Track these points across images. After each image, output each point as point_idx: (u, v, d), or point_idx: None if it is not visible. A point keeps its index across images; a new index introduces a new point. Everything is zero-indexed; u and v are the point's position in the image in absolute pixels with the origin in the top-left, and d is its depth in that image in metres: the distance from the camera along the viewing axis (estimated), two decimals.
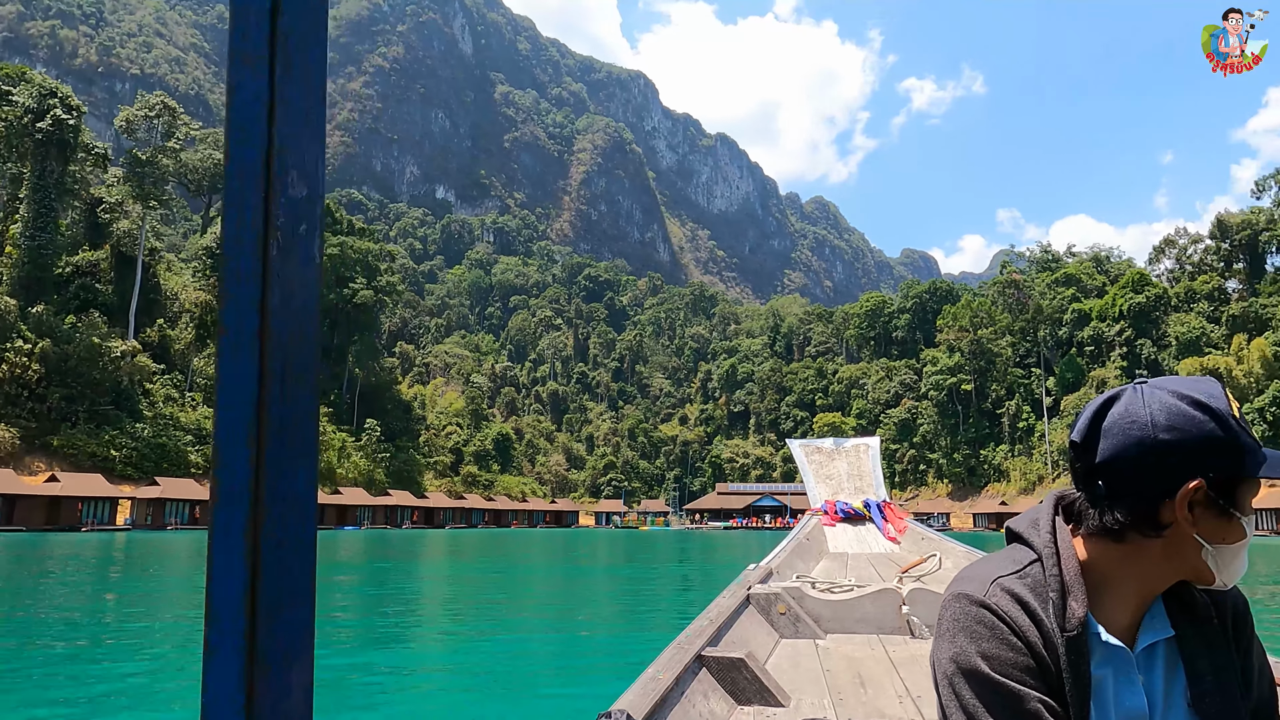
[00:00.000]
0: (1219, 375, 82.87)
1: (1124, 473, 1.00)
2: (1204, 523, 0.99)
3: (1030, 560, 1.05)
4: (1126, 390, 1.04)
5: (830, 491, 6.58)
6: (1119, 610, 1.05)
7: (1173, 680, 1.04)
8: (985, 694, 0.97)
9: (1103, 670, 1.02)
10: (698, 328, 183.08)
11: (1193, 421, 0.97)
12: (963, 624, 1.01)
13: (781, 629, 3.89)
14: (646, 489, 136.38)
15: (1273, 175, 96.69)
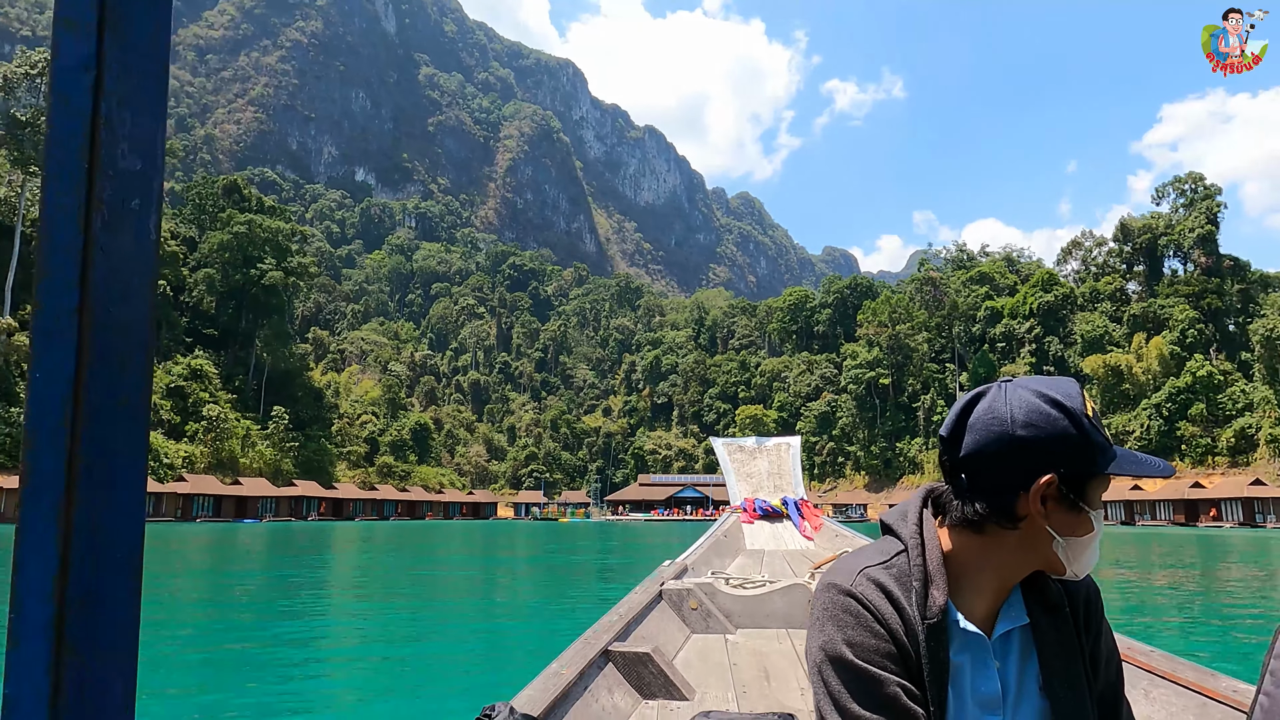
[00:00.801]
0: (1120, 372, 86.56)
1: (984, 466, 1.05)
2: (1056, 516, 1.04)
3: (898, 551, 1.09)
4: (992, 388, 1.09)
5: (750, 489, 6.62)
6: (978, 599, 1.10)
7: (1026, 666, 1.09)
8: (849, 679, 1.01)
9: (961, 656, 1.07)
10: (623, 319, 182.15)
11: (1049, 419, 1.03)
12: (831, 613, 1.05)
13: (693, 624, 3.88)
14: (568, 480, 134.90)
15: (1171, 183, 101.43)
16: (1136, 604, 12.86)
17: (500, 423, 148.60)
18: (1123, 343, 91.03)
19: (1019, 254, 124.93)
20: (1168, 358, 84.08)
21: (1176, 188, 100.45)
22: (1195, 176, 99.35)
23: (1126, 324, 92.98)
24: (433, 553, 28.40)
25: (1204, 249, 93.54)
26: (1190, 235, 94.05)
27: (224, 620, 11.15)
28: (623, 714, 2.51)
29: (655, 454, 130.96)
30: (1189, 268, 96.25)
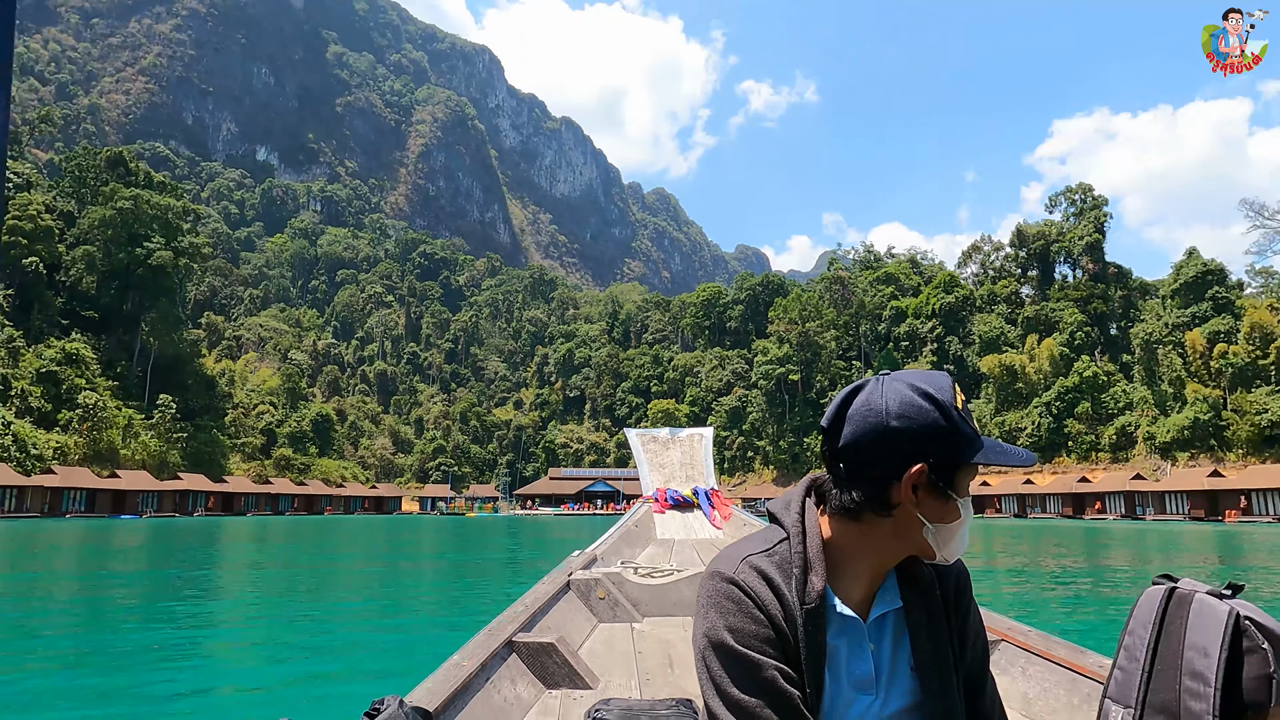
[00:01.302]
0: (1015, 371, 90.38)
1: (860, 456, 1.10)
2: (927, 503, 1.10)
3: (780, 539, 1.14)
4: (870, 381, 1.14)
5: (663, 480, 6.66)
6: (855, 584, 1.15)
7: (899, 647, 1.16)
8: (729, 664, 1.06)
9: (838, 640, 1.12)
10: (536, 311, 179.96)
11: (920, 411, 1.08)
12: (714, 600, 1.09)
13: (600, 614, 3.87)
14: (477, 474, 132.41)
15: (1063, 193, 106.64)
16: (1024, 589, 13.82)
17: (407, 415, 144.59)
18: (1017, 343, 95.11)
19: (923, 256, 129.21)
20: (1057, 358, 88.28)
21: (1068, 197, 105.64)
22: (1085, 187, 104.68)
23: (1021, 326, 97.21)
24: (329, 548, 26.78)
25: (1091, 256, 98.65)
26: (1080, 243, 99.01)
27: (93, 622, 10.32)
28: (525, 704, 2.49)
29: (567, 447, 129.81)
30: (1078, 273, 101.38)
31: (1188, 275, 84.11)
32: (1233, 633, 1.22)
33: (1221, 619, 1.23)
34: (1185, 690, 1.23)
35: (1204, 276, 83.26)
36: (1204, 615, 1.25)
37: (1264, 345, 73.18)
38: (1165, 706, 1.25)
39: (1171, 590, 1.33)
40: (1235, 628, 1.22)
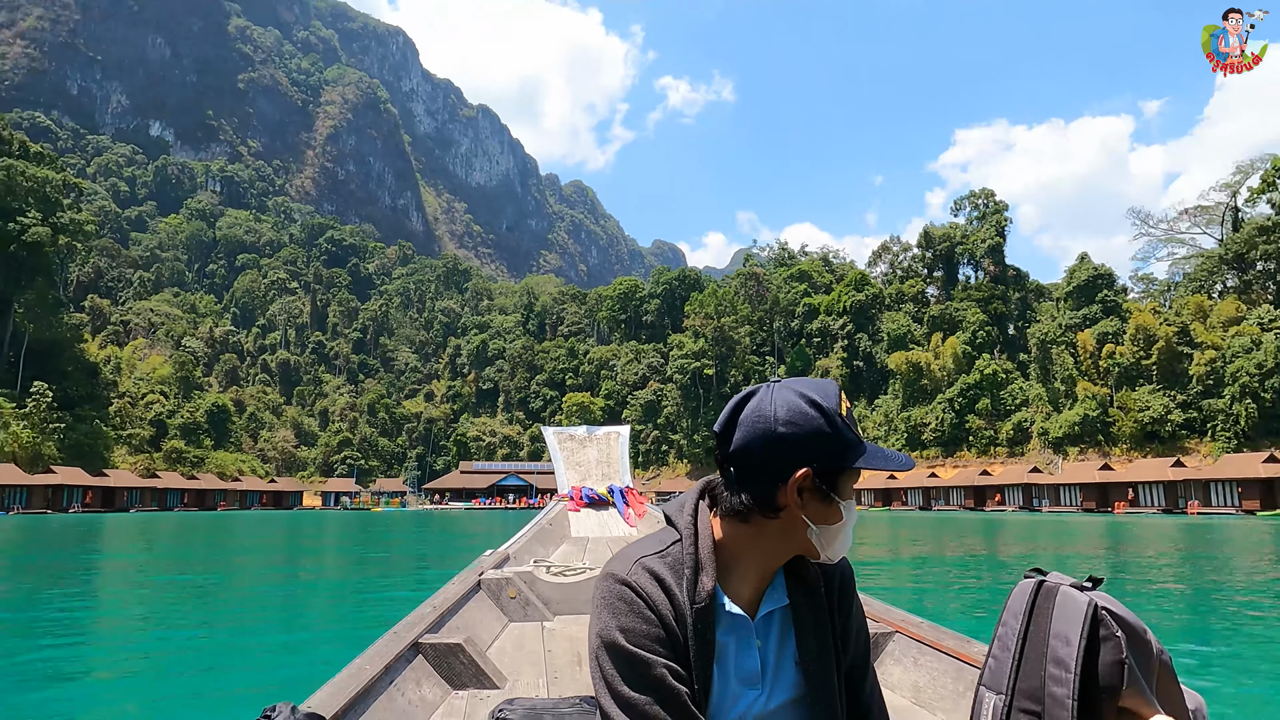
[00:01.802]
0: (920, 368, 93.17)
1: (749, 460, 1.15)
2: (811, 506, 1.15)
3: (674, 540, 1.19)
4: (761, 388, 1.19)
5: (579, 478, 6.64)
6: (745, 583, 1.21)
7: (785, 643, 1.22)
8: (620, 662, 1.10)
9: (727, 637, 1.17)
10: (449, 301, 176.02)
11: (806, 418, 1.13)
12: (607, 601, 1.13)
13: (511, 613, 3.83)
14: (385, 468, 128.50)
15: (967, 197, 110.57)
16: (924, 580, 14.42)
17: (312, 406, 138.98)
18: (923, 341, 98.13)
19: (834, 255, 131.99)
20: (960, 356, 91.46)
21: (971, 202, 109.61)
22: (987, 193, 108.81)
23: (927, 324, 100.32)
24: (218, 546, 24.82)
25: (993, 259, 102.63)
26: (982, 245, 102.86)
27: None
28: (431, 706, 2.46)
29: (479, 441, 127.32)
30: (980, 275, 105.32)
31: (1079, 279, 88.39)
32: (1091, 622, 1.31)
33: (1082, 609, 1.32)
34: (1049, 676, 1.32)
35: (1094, 281, 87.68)
36: (1067, 606, 1.35)
37: (1147, 346, 77.48)
38: (1032, 692, 1.34)
39: (1040, 583, 1.41)
40: (1093, 618, 1.31)
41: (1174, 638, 7.97)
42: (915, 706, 2.48)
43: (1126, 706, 1.30)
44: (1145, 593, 11.79)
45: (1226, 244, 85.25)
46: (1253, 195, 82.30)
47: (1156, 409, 74.21)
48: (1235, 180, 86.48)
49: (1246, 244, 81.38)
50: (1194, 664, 6.78)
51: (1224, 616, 9.77)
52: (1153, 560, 18.11)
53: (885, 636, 2.84)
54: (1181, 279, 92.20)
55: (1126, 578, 14.02)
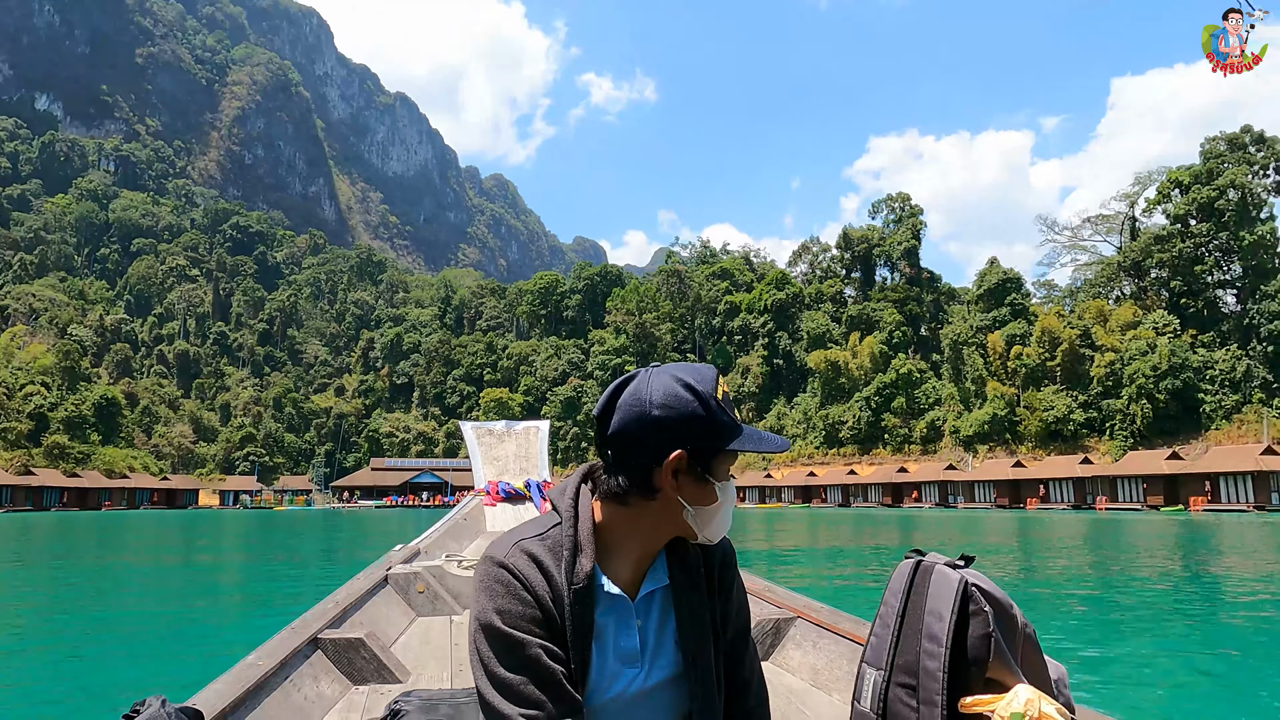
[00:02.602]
0: (839, 367, 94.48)
1: (626, 443, 1.17)
2: (686, 488, 1.18)
3: (555, 523, 1.20)
4: (640, 373, 1.21)
5: (496, 473, 6.50)
6: (625, 565, 1.23)
7: (665, 623, 1.25)
8: (496, 644, 1.12)
9: (606, 617, 1.19)
10: (363, 293, 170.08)
11: (681, 400, 1.16)
12: (485, 584, 1.14)
13: (419, 607, 3.84)
14: (292, 465, 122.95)
15: (884, 200, 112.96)
16: (834, 569, 15.31)
17: (212, 400, 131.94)
18: (841, 340, 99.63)
19: (756, 254, 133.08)
20: (877, 356, 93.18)
21: (888, 205, 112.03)
22: (903, 197, 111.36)
23: (845, 324, 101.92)
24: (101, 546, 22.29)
25: (909, 261, 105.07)
26: (898, 248, 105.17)
27: None
28: (329, 702, 2.43)
29: (392, 437, 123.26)
30: (896, 277, 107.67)
31: (990, 283, 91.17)
32: (961, 598, 1.39)
33: (954, 586, 1.40)
34: (924, 651, 1.39)
35: (1003, 284, 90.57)
36: (940, 584, 1.42)
37: (1052, 349, 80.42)
38: (909, 666, 1.41)
39: (918, 563, 1.49)
40: (964, 594, 1.39)
41: (1062, 619, 8.88)
42: (813, 688, 2.55)
43: (993, 677, 1.37)
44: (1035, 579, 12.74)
45: (1125, 252, 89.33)
46: (1149, 206, 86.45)
47: (1060, 409, 77.02)
48: (1134, 190, 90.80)
49: (1143, 252, 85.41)
50: (1062, 639, 7.55)
51: (1102, 600, 10.94)
52: (1051, 549, 19.38)
53: (787, 622, 2.89)
54: (1083, 284, 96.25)
55: (1035, 563, 15.42)
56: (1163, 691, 5.98)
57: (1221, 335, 76.64)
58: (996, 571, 13.83)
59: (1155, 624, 8.99)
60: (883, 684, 1.45)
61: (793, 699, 2.44)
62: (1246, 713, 5.49)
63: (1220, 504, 50.11)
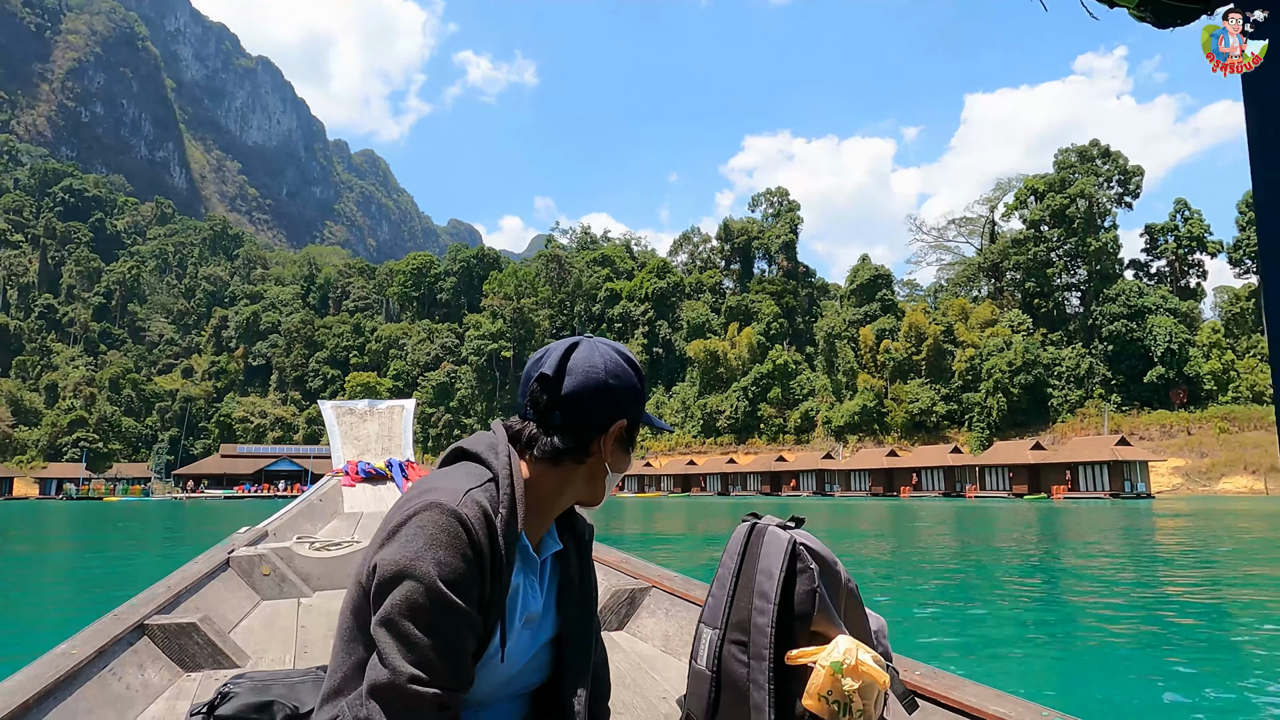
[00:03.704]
0: (717, 357, 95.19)
1: (579, 408, 1.20)
2: (614, 455, 1.24)
3: (488, 479, 1.16)
4: (583, 340, 1.25)
5: (357, 453, 6.32)
6: (539, 526, 1.26)
7: (553, 586, 1.30)
8: (421, 596, 1.04)
9: (519, 578, 1.21)
10: (216, 268, 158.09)
11: (626, 372, 1.23)
12: (429, 531, 1.07)
13: (264, 590, 3.72)
14: (131, 452, 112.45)
15: (764, 194, 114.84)
16: (708, 550, 16.10)
17: (36, 380, 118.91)
18: (720, 331, 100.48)
19: (637, 242, 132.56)
20: (755, 346, 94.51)
21: (768, 199, 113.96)
22: (782, 191, 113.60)
23: (724, 314, 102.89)
24: None
25: (786, 254, 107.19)
26: (777, 241, 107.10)
27: None
28: (155, 690, 2.32)
29: (246, 422, 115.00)
30: (774, 269, 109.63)
31: (862, 278, 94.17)
32: (790, 557, 1.48)
33: (783, 546, 1.49)
34: (755, 608, 1.47)
35: (875, 280, 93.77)
36: (771, 544, 1.51)
37: (918, 343, 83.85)
38: (741, 624, 1.49)
39: (753, 525, 1.58)
40: (793, 553, 1.48)
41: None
42: (664, 654, 2.66)
43: (818, 630, 1.46)
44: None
45: (984, 254, 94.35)
46: (1008, 211, 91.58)
47: (924, 401, 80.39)
48: (995, 195, 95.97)
49: (1000, 255, 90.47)
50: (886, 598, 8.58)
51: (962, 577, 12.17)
52: (923, 533, 20.47)
53: (642, 591, 2.99)
54: (946, 283, 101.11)
55: (895, 552, 16.27)
56: (1002, 655, 6.58)
57: (1068, 334, 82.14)
58: (873, 553, 15.46)
59: (1003, 598, 9.88)
60: (718, 642, 1.51)
61: (643, 664, 2.52)
62: (1073, 673, 6.06)
63: (1079, 492, 53.31)
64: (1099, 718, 4.84)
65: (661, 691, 2.26)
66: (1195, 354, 71.53)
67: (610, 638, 2.85)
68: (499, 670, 1.18)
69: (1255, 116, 1.07)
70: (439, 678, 1.05)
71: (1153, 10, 1.13)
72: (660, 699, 2.20)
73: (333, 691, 1.15)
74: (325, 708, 1.15)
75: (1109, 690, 5.47)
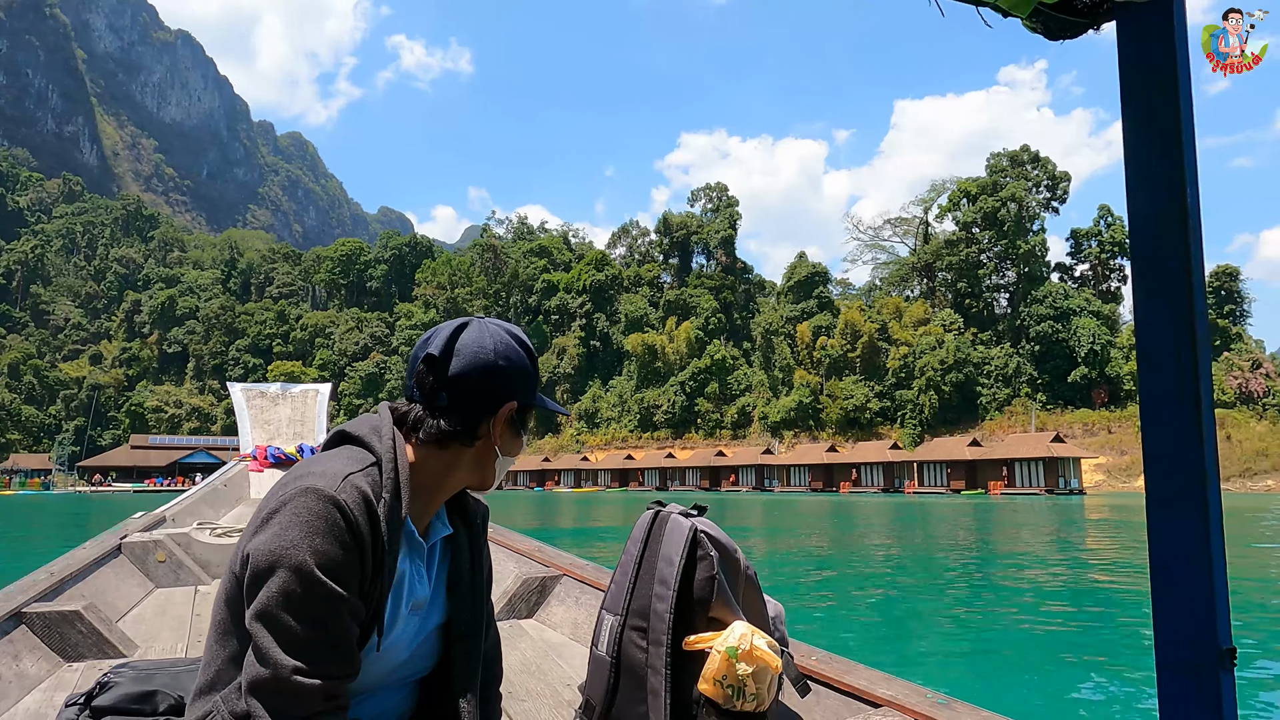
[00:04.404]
0: (655, 351, 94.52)
1: (468, 388, 1.16)
2: (505, 438, 1.21)
3: (371, 462, 1.12)
4: (473, 321, 1.21)
5: (266, 437, 6.15)
6: (426, 511, 1.22)
7: (443, 570, 1.26)
8: (298, 585, 1.00)
9: (404, 564, 1.18)
10: (129, 250, 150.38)
11: (516, 353, 1.20)
12: (304, 517, 1.03)
13: (158, 578, 3.63)
14: (31, 442, 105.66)
15: (703, 189, 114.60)
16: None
17: None
18: (658, 325, 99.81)
19: (575, 234, 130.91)
20: (693, 341, 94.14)
21: (707, 194, 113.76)
22: (721, 187, 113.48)
23: (662, 308, 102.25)
24: None
25: (725, 250, 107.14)
26: (716, 236, 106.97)
27: None
28: (31, 681, 2.25)
29: (160, 412, 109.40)
30: (713, 264, 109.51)
31: (800, 275, 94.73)
32: (691, 544, 1.52)
33: (685, 533, 1.53)
34: (655, 595, 1.51)
35: (812, 278, 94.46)
36: (674, 532, 1.55)
37: (853, 341, 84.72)
38: (641, 610, 1.53)
39: (657, 513, 1.62)
40: (693, 540, 1.53)
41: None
42: (571, 641, 2.69)
43: (715, 616, 1.50)
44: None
45: (918, 254, 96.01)
46: (942, 212, 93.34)
47: (859, 397, 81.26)
48: (930, 196, 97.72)
49: (934, 255, 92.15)
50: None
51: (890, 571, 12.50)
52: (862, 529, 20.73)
53: (552, 579, 3.03)
54: (880, 282, 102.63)
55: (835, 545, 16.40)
56: (906, 641, 6.82)
57: (997, 334, 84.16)
58: (801, 545, 15.60)
59: (919, 588, 10.16)
60: (618, 628, 1.54)
61: (550, 651, 2.55)
62: (992, 663, 6.20)
63: (1016, 488, 54.25)
64: (990, 700, 4.50)
65: (566, 678, 2.29)
66: (1116, 355, 74.06)
67: (520, 625, 2.86)
68: (383, 658, 1.15)
69: (1130, 131, 1.15)
70: (323, 668, 1.01)
71: (1044, 23, 1.21)
72: (564, 685, 2.21)
73: (206, 686, 1.10)
74: (197, 703, 1.10)
75: (1007, 676, 5.67)
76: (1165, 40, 1.12)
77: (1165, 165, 1.11)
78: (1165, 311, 1.08)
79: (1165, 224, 1.09)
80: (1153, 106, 1.13)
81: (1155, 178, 1.12)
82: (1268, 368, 73.15)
